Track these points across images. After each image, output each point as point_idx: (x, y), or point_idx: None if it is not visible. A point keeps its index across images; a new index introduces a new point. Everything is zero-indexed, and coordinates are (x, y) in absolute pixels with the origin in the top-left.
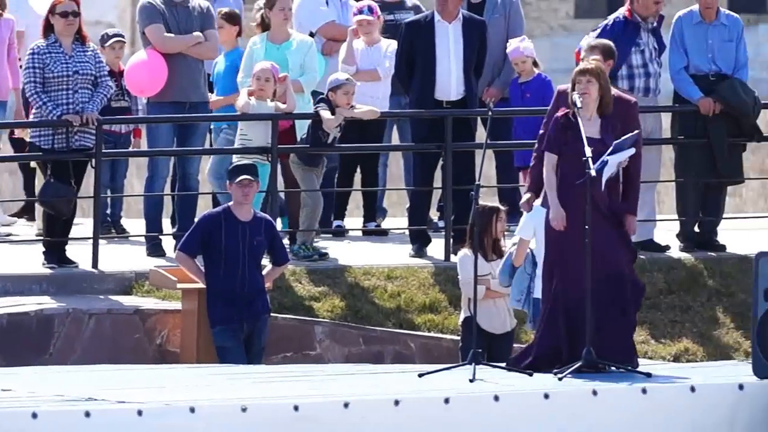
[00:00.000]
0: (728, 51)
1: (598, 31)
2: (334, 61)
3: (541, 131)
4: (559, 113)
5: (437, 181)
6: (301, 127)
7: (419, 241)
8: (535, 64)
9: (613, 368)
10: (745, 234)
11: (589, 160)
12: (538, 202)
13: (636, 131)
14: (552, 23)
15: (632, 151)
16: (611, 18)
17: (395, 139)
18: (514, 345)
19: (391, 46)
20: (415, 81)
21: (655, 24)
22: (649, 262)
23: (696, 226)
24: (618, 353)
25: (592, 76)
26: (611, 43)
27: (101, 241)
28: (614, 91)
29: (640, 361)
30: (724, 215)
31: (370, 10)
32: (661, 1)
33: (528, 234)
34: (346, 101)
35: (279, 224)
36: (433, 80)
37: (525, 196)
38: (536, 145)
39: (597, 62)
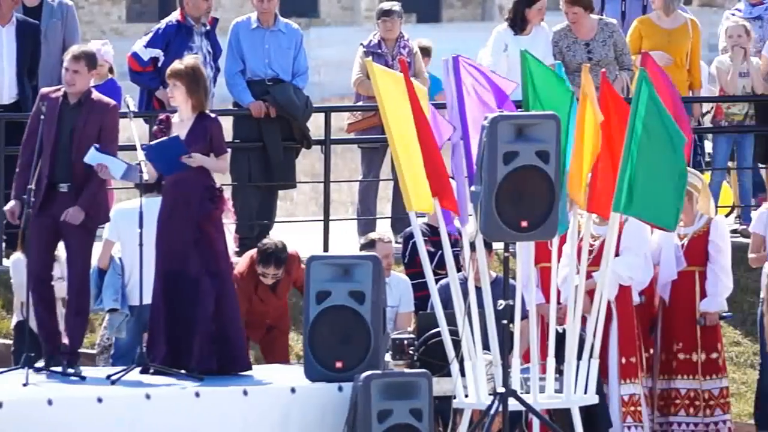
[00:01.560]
0: (286, 57)
1: (150, 35)
2: None
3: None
4: (162, 115)
5: None
6: None
7: None
8: (111, 70)
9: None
10: (297, 238)
11: (142, 164)
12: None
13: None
14: (104, 27)
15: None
16: (164, 22)
17: None
18: None
19: None
20: None
21: (208, 27)
22: None
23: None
24: (196, 357)
25: (176, 80)
26: (93, 50)
27: None
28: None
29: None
30: (276, 219)
31: None
32: None
33: (113, 236)
34: None
35: None
36: None
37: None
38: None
39: (190, 62)
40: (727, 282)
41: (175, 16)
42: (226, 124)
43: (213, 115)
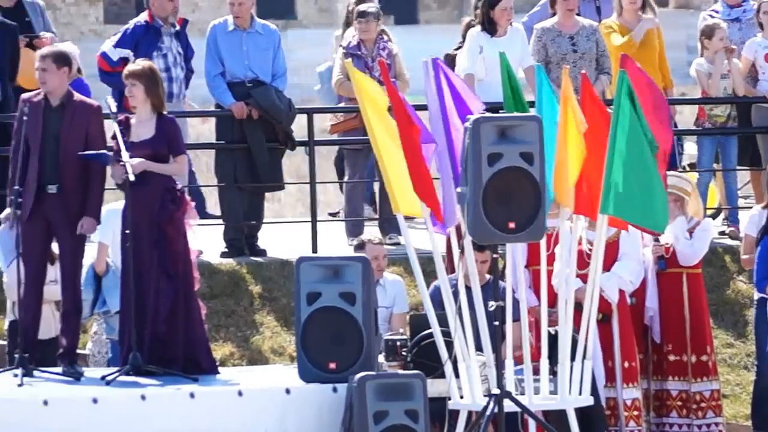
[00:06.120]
0: (264, 59)
1: (119, 35)
2: None
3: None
4: (121, 116)
5: None
6: None
7: None
8: (79, 70)
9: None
10: (285, 238)
11: (127, 164)
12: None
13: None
14: (82, 28)
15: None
16: (132, 22)
17: None
18: None
19: None
20: None
21: (178, 28)
22: None
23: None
24: (178, 358)
25: (135, 79)
26: (61, 49)
27: None
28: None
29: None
30: (264, 220)
31: None
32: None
33: (106, 238)
34: None
35: None
36: None
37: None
38: None
39: (146, 63)
40: None
41: (143, 16)
42: (209, 125)
43: (171, 116)
